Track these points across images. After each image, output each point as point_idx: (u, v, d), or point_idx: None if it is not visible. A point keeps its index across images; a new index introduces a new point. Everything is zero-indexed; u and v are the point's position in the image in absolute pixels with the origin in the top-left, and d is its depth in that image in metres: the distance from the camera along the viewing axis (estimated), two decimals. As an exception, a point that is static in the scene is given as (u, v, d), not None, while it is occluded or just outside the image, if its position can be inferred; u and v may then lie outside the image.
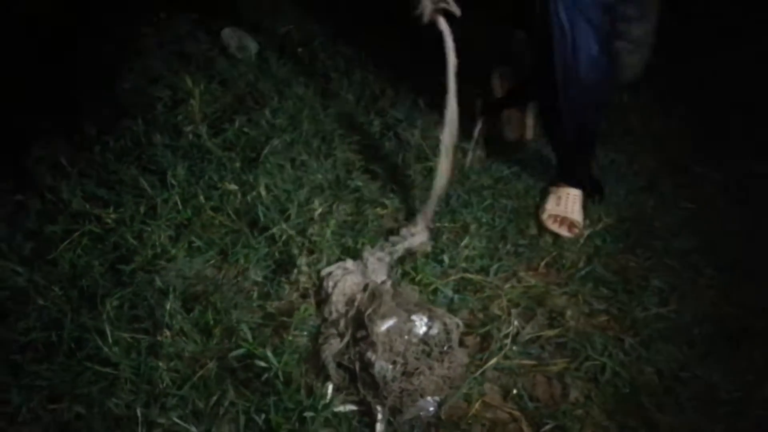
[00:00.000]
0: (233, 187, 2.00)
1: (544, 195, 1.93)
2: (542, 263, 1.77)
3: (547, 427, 1.37)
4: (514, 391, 1.46)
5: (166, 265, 1.71)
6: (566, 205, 1.86)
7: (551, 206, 1.88)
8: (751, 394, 1.41)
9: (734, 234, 1.84)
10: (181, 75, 2.42)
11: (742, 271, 1.68)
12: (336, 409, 1.44)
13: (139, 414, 1.38)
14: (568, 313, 1.58)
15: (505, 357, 1.52)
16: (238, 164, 2.09)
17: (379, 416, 1.42)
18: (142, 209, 1.95)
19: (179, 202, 1.94)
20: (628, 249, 1.76)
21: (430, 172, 2.10)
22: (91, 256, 1.82)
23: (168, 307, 1.57)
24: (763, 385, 1.43)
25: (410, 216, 1.92)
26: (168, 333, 1.55)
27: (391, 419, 1.42)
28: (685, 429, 1.35)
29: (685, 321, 1.56)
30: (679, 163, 2.06)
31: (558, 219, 1.83)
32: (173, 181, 2.01)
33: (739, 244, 1.78)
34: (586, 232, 1.83)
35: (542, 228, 1.85)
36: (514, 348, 1.53)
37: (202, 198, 1.95)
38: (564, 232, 1.81)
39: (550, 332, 1.56)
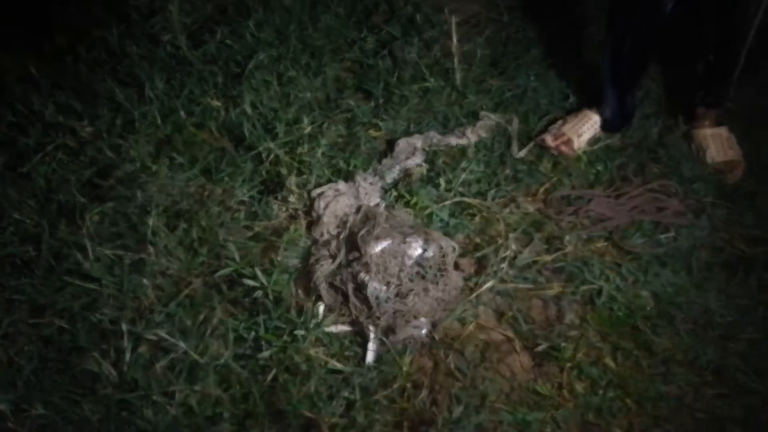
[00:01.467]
0: (216, 102, 2.00)
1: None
2: (541, 189, 1.82)
3: (541, 347, 1.45)
4: (509, 314, 1.54)
5: (147, 180, 1.73)
6: (574, 125, 1.90)
7: (558, 125, 1.92)
8: (744, 318, 1.50)
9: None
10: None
11: (742, 199, 1.75)
12: (327, 329, 1.51)
13: (124, 329, 1.43)
14: (567, 238, 1.65)
15: (501, 281, 1.59)
16: (220, 79, 2.09)
17: (372, 336, 1.49)
18: (119, 123, 1.96)
19: (158, 117, 1.95)
20: (629, 175, 1.81)
21: (426, 93, 2.11)
22: (66, 170, 1.84)
23: (151, 223, 1.60)
24: (756, 310, 1.52)
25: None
26: (152, 249, 1.58)
27: (384, 339, 1.49)
28: (679, 351, 1.44)
29: (684, 247, 1.63)
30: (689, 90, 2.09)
31: (557, 135, 1.88)
32: (152, 95, 2.01)
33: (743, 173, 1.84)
34: (583, 154, 1.89)
35: (541, 148, 1.90)
36: (510, 272, 1.60)
37: (182, 113, 1.96)
38: (553, 144, 1.88)
39: (547, 257, 1.63)
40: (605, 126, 1.93)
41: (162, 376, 1.40)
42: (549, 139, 1.89)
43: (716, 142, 1.89)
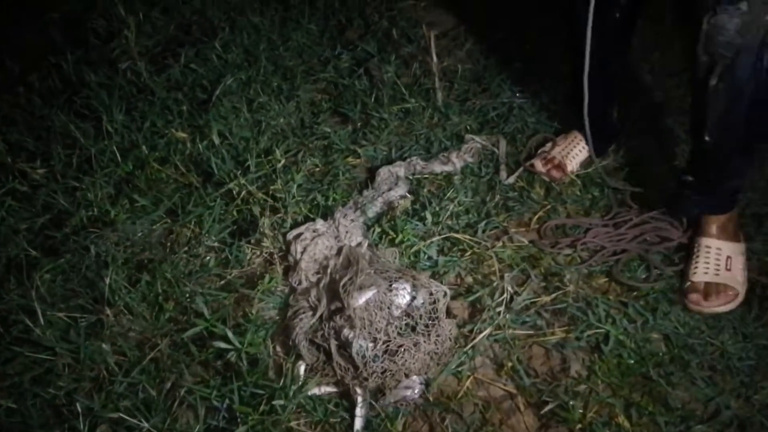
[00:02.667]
0: (181, 134, 1.78)
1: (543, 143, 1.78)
2: (534, 218, 1.62)
3: (547, 407, 1.25)
4: (509, 365, 1.34)
5: (104, 230, 1.50)
6: (564, 147, 1.71)
7: (548, 148, 1.73)
8: (765, 361, 1.32)
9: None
10: (117, 2, 2.13)
11: (750, 223, 1.56)
12: (310, 393, 1.30)
13: (79, 408, 1.21)
14: (567, 276, 1.45)
15: (498, 327, 1.39)
16: (185, 107, 1.87)
17: (359, 400, 1.28)
18: (74, 162, 1.74)
19: (118, 154, 1.72)
20: (627, 200, 1.62)
21: (406, 115, 1.91)
22: (16, 219, 1.62)
23: (108, 279, 1.38)
24: (776, 351, 1.34)
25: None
26: (109, 311, 1.36)
27: (373, 403, 1.28)
28: (698, 404, 1.25)
29: (693, 282, 1.44)
30: (681, 99, 1.90)
31: (547, 159, 1.69)
32: (110, 128, 1.79)
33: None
34: (576, 178, 1.70)
35: (531, 173, 1.71)
36: (507, 316, 1.40)
37: (144, 148, 1.74)
38: (543, 169, 1.69)
39: (547, 297, 1.43)
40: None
41: (124, 462, 1.19)
42: (539, 165, 1.70)
43: (707, 258, 1.44)
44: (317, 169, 1.78)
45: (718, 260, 1.43)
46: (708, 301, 1.39)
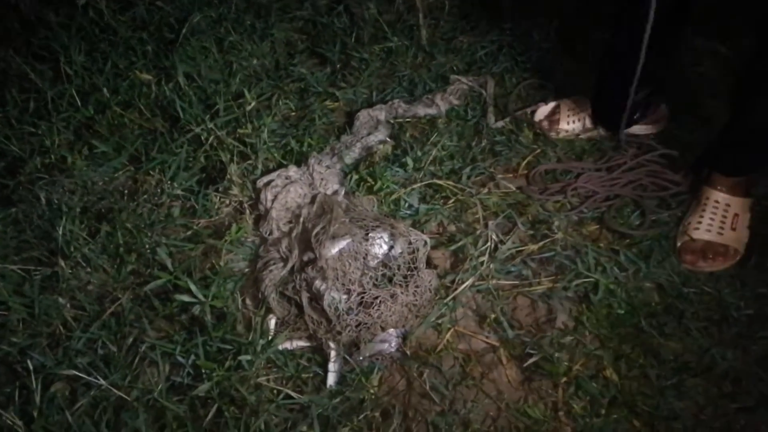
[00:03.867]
0: (146, 76, 1.68)
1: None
2: (523, 163, 1.54)
3: (531, 360, 1.19)
4: (492, 316, 1.28)
5: (59, 176, 1.42)
6: (569, 116, 1.60)
7: (551, 106, 1.64)
8: (763, 311, 1.26)
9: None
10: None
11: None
12: (281, 347, 1.24)
13: (30, 364, 1.15)
14: (555, 223, 1.37)
15: (481, 277, 1.32)
16: (150, 47, 1.76)
17: (333, 354, 1.22)
18: (31, 106, 1.63)
19: (77, 97, 1.62)
20: (622, 143, 1.54)
21: (389, 55, 1.80)
22: (-34, 168, 1.52)
23: (61, 230, 1.30)
24: (775, 301, 1.28)
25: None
26: (63, 263, 1.28)
27: (347, 357, 1.22)
28: (692, 356, 1.19)
29: (689, 227, 1.37)
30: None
31: (549, 114, 1.60)
32: (69, 71, 1.68)
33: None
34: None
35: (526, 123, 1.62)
36: (492, 266, 1.33)
37: (106, 91, 1.64)
38: (536, 120, 1.62)
39: (534, 246, 1.36)
40: (596, 118, 1.58)
41: (79, 420, 1.12)
42: (538, 115, 1.60)
43: (713, 214, 1.35)
44: (292, 113, 1.69)
45: (725, 217, 1.35)
46: (706, 261, 1.32)
